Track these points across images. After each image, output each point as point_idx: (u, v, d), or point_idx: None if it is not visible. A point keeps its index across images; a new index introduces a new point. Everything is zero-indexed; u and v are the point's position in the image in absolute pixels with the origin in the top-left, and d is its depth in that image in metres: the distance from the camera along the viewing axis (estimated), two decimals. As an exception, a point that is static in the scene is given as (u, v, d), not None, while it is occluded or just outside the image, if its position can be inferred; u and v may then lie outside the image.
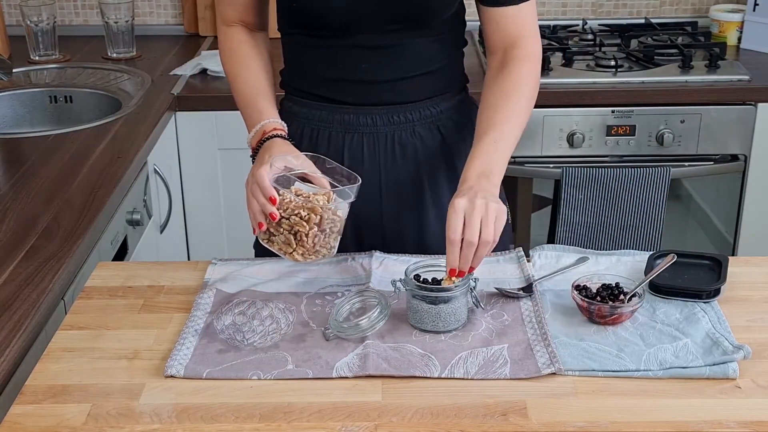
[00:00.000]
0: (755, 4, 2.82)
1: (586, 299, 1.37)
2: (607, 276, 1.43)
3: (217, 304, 1.43)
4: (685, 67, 2.62)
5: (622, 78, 2.60)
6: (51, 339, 1.37)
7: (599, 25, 3.03)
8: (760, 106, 2.56)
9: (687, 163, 2.61)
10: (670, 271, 1.45)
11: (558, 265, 1.53)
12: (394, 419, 1.17)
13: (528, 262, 1.55)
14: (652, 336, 1.33)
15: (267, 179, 1.39)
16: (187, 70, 2.70)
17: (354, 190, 1.42)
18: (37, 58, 2.85)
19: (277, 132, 1.51)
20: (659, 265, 1.46)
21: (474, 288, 1.39)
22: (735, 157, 2.62)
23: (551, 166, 2.58)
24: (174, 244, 2.55)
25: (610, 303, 1.36)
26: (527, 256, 1.57)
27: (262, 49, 1.64)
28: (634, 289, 1.39)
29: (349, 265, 1.54)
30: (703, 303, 1.41)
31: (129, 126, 2.27)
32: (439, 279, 1.39)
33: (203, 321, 1.39)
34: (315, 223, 1.38)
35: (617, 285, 1.40)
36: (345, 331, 1.34)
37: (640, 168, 2.55)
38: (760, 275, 1.52)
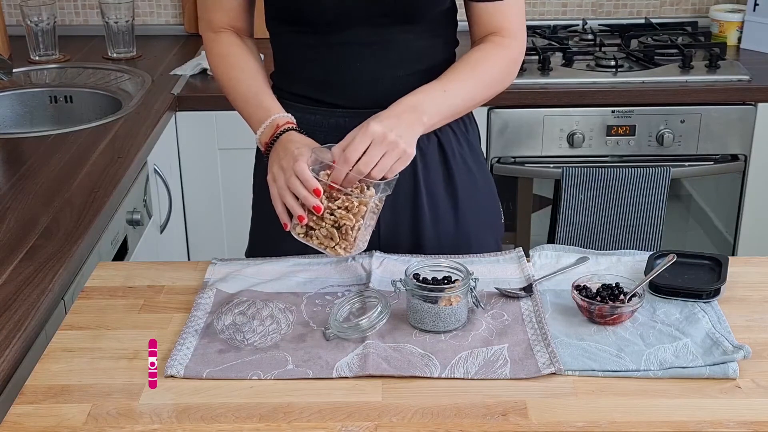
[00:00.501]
0: (755, 4, 2.82)
1: (586, 299, 1.37)
2: (607, 276, 1.43)
3: (217, 304, 1.43)
4: (685, 67, 2.62)
5: (622, 78, 2.60)
6: (51, 339, 1.37)
7: (599, 25, 3.03)
8: (760, 106, 2.56)
9: (687, 163, 2.61)
10: (670, 271, 1.45)
11: (558, 265, 1.53)
12: (394, 419, 1.17)
13: (528, 262, 1.55)
14: (652, 336, 1.33)
15: (308, 171, 1.38)
16: (187, 70, 2.70)
17: (391, 184, 1.42)
18: (37, 58, 2.85)
19: (291, 125, 1.50)
20: (659, 265, 1.46)
21: (474, 288, 1.39)
22: (735, 157, 2.62)
23: (551, 166, 2.58)
24: (174, 244, 2.55)
25: (610, 303, 1.36)
26: (527, 256, 1.57)
27: (254, 52, 1.63)
28: (634, 289, 1.39)
29: (349, 265, 1.54)
30: (703, 303, 1.41)
31: (129, 126, 2.27)
32: (439, 279, 1.39)
33: (203, 321, 1.39)
34: (361, 216, 1.38)
35: (617, 285, 1.40)
36: (345, 331, 1.33)
37: (640, 168, 2.55)
38: (760, 275, 1.52)
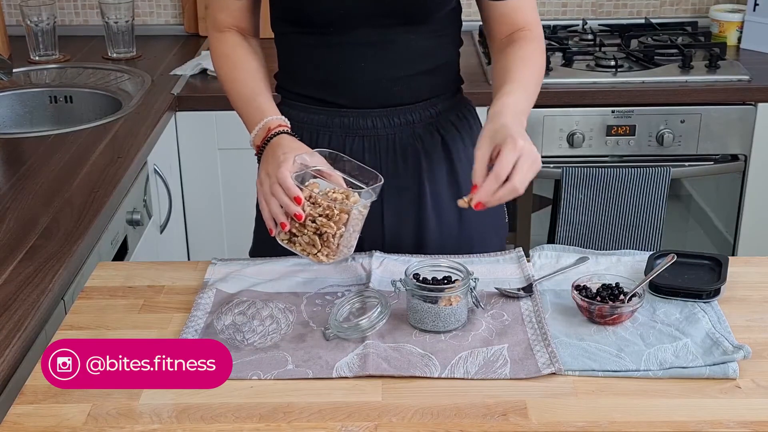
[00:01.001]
0: (755, 4, 2.82)
1: (586, 299, 1.37)
2: (607, 276, 1.43)
3: (217, 304, 1.43)
4: (685, 67, 2.62)
5: (622, 78, 2.60)
6: (51, 339, 1.37)
7: (599, 25, 3.03)
8: (760, 106, 2.56)
9: (687, 163, 2.61)
10: (670, 271, 1.45)
11: (558, 265, 1.53)
12: (394, 419, 1.17)
13: (528, 262, 1.55)
14: (652, 336, 1.33)
15: (290, 178, 1.37)
16: (187, 70, 2.70)
17: (377, 190, 1.41)
18: (37, 58, 2.85)
19: (282, 128, 1.49)
20: (659, 265, 1.46)
21: (474, 288, 1.39)
22: (735, 157, 2.62)
23: (551, 166, 2.57)
24: (174, 244, 2.55)
25: (610, 303, 1.36)
26: (527, 256, 1.57)
27: (257, 52, 1.63)
28: (634, 289, 1.39)
29: (349, 265, 1.54)
30: (703, 303, 1.41)
31: (129, 126, 2.27)
32: (439, 279, 1.39)
33: (203, 321, 1.39)
34: (343, 224, 1.37)
35: (617, 285, 1.40)
36: (345, 331, 1.33)
37: (640, 168, 2.55)
38: (760, 275, 1.52)
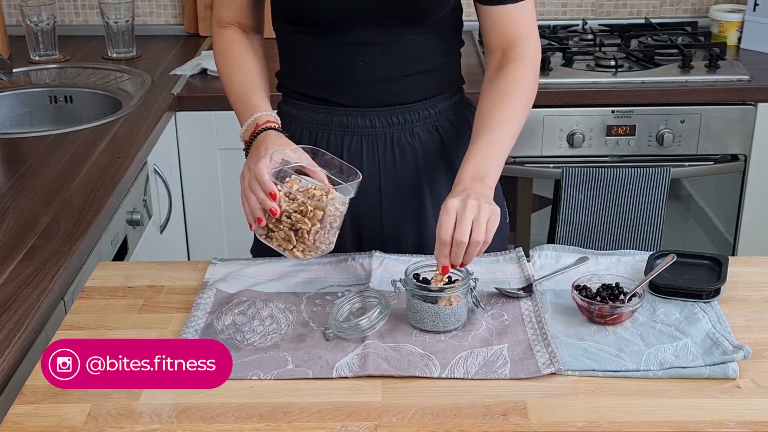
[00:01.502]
0: (755, 4, 2.82)
1: (586, 299, 1.37)
2: (607, 276, 1.43)
3: (217, 304, 1.43)
4: (685, 67, 2.62)
5: (622, 78, 2.59)
6: (51, 339, 1.37)
7: (599, 25, 3.03)
8: (760, 106, 2.56)
9: (687, 163, 2.60)
10: (670, 271, 1.45)
11: (558, 265, 1.53)
12: (394, 419, 1.17)
13: (528, 262, 1.55)
14: (652, 336, 1.33)
15: (266, 174, 1.37)
16: (187, 70, 2.70)
17: (355, 186, 1.41)
18: (37, 58, 2.85)
19: (271, 124, 1.50)
20: (659, 265, 1.46)
21: (474, 288, 1.39)
22: (735, 157, 2.62)
23: (551, 166, 2.57)
24: (174, 244, 2.54)
25: (610, 303, 1.36)
26: (527, 256, 1.57)
27: (256, 49, 1.63)
28: (634, 289, 1.39)
29: (349, 265, 1.54)
30: (703, 303, 1.41)
31: (129, 126, 2.27)
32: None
33: (203, 321, 1.39)
34: (318, 220, 1.38)
35: (617, 285, 1.40)
36: (345, 331, 1.33)
37: (640, 168, 2.55)
38: (760, 275, 1.52)
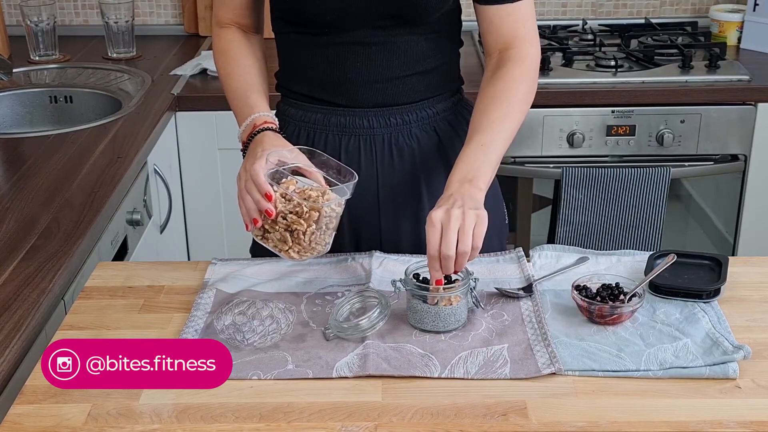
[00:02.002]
0: (755, 4, 2.82)
1: (586, 299, 1.37)
2: (607, 276, 1.43)
3: (217, 304, 1.43)
4: (685, 67, 2.62)
5: (622, 78, 2.59)
6: (51, 339, 1.37)
7: (599, 25, 3.03)
8: (760, 106, 2.56)
9: (687, 163, 2.61)
10: (670, 271, 1.45)
11: (558, 265, 1.53)
12: (394, 419, 1.17)
13: (528, 262, 1.55)
14: (652, 336, 1.33)
15: (262, 175, 1.38)
16: (187, 70, 2.70)
17: (351, 187, 1.41)
18: (37, 58, 2.85)
19: (268, 125, 1.50)
20: (659, 265, 1.46)
21: (474, 288, 1.39)
22: (735, 157, 2.62)
23: (551, 166, 2.58)
24: (174, 244, 2.54)
25: (610, 303, 1.36)
26: (527, 256, 1.57)
27: (255, 49, 1.63)
28: (634, 289, 1.39)
29: (349, 265, 1.54)
30: (703, 303, 1.41)
31: (129, 126, 2.27)
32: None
33: (203, 321, 1.39)
34: (313, 221, 1.38)
35: (617, 285, 1.40)
36: (345, 331, 1.33)
37: (640, 168, 2.55)
38: (760, 275, 1.52)
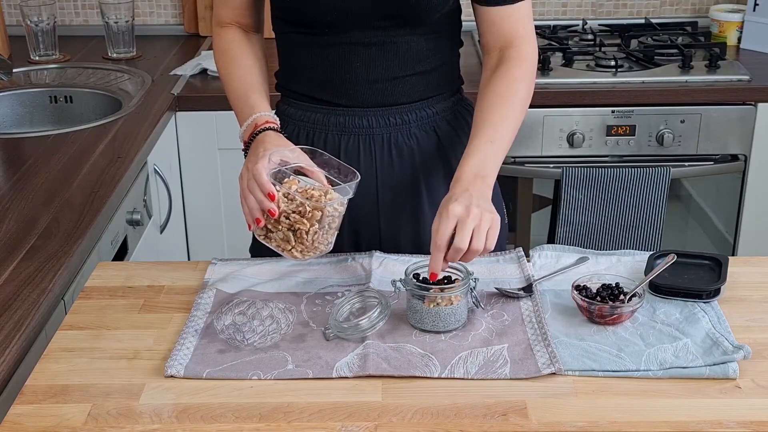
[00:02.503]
0: (755, 4, 2.82)
1: (586, 299, 1.37)
2: (607, 276, 1.43)
3: (217, 304, 1.43)
4: (685, 67, 2.62)
5: (622, 78, 2.59)
6: (51, 339, 1.37)
7: (599, 25, 3.03)
8: (760, 106, 2.56)
9: (687, 163, 2.61)
10: (670, 271, 1.45)
11: (558, 265, 1.53)
12: (394, 419, 1.17)
13: (528, 262, 1.55)
14: (652, 336, 1.33)
15: (265, 175, 1.37)
16: (187, 70, 2.70)
17: (353, 187, 1.41)
18: (37, 58, 2.85)
19: (270, 125, 1.50)
20: (659, 265, 1.46)
21: (474, 288, 1.39)
22: (735, 157, 2.62)
23: (551, 166, 2.57)
24: (174, 244, 2.54)
25: (610, 303, 1.36)
26: (527, 256, 1.57)
27: (255, 49, 1.63)
28: (634, 289, 1.39)
29: (349, 265, 1.54)
30: (703, 303, 1.41)
31: (129, 126, 2.27)
32: (439, 279, 1.38)
33: (203, 321, 1.39)
34: (316, 221, 1.38)
35: (617, 285, 1.40)
36: (345, 331, 1.33)
37: (640, 168, 2.55)
38: (760, 275, 1.52)
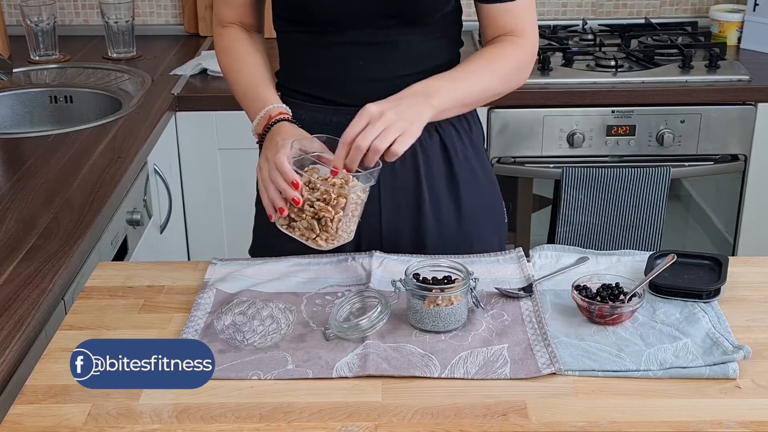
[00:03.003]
0: (755, 4, 2.82)
1: (586, 299, 1.37)
2: (607, 276, 1.43)
3: (217, 304, 1.43)
4: (685, 67, 2.62)
5: (622, 78, 2.60)
6: (51, 339, 1.37)
7: (599, 25, 3.03)
8: (760, 106, 2.56)
9: (687, 163, 2.61)
10: (670, 271, 1.45)
11: (558, 265, 1.53)
12: (394, 419, 1.17)
13: (528, 262, 1.55)
14: (652, 336, 1.33)
15: (287, 163, 1.37)
16: (187, 70, 2.70)
17: (375, 174, 1.40)
18: (37, 58, 2.85)
19: (283, 116, 1.50)
20: (659, 265, 1.46)
21: (474, 288, 1.39)
22: (735, 157, 2.62)
23: (551, 166, 2.58)
24: (174, 244, 2.55)
25: (610, 303, 1.36)
26: (527, 256, 1.57)
27: (259, 47, 1.63)
28: (634, 289, 1.39)
29: (349, 265, 1.54)
30: (703, 303, 1.41)
31: (129, 126, 2.27)
32: (439, 279, 1.39)
33: (203, 321, 1.39)
34: (341, 208, 1.37)
35: (617, 285, 1.40)
36: (345, 331, 1.33)
37: (640, 168, 2.55)
38: (760, 275, 1.52)
